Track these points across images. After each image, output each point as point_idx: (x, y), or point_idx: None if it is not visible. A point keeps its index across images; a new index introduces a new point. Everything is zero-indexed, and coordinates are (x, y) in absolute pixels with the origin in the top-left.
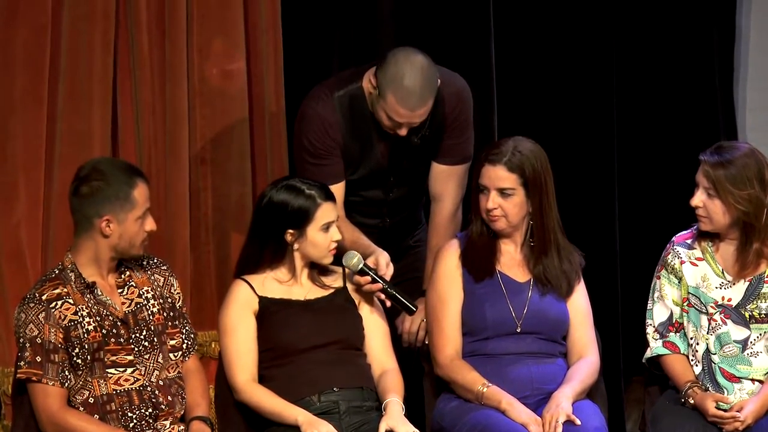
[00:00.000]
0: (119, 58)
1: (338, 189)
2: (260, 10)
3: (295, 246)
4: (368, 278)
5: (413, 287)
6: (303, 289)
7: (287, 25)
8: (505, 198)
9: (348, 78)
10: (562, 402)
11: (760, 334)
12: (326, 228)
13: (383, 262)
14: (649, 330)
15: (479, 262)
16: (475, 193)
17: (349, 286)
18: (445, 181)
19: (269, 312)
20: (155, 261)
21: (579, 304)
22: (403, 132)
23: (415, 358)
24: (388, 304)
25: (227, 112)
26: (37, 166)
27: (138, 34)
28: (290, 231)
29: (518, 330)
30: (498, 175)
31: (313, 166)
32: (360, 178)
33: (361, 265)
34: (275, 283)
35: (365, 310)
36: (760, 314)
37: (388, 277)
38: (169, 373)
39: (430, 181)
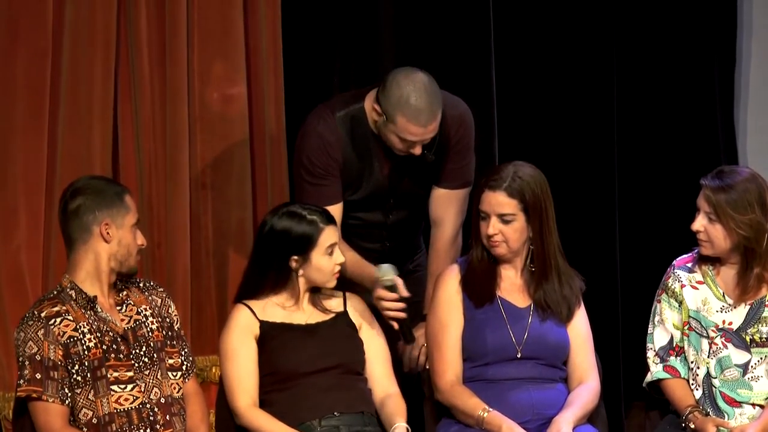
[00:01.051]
0: (120, 83)
1: (335, 210)
2: (261, 34)
3: (300, 272)
4: (395, 295)
5: (413, 313)
6: (304, 314)
7: (288, 49)
8: (506, 224)
9: (350, 99)
10: (563, 427)
11: (761, 358)
12: (330, 252)
13: (401, 284)
14: (650, 354)
15: (479, 288)
16: (476, 219)
17: (350, 311)
18: (446, 206)
19: (270, 336)
20: (152, 284)
21: (579, 329)
22: (417, 151)
23: (416, 383)
24: (396, 326)
25: (227, 136)
26: (37, 190)
27: (138, 58)
28: (294, 257)
29: (518, 355)
30: (498, 201)
31: (311, 185)
32: (360, 198)
33: (395, 280)
34: (276, 308)
35: (366, 335)
36: (761, 338)
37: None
38: (171, 392)
39: (431, 205)
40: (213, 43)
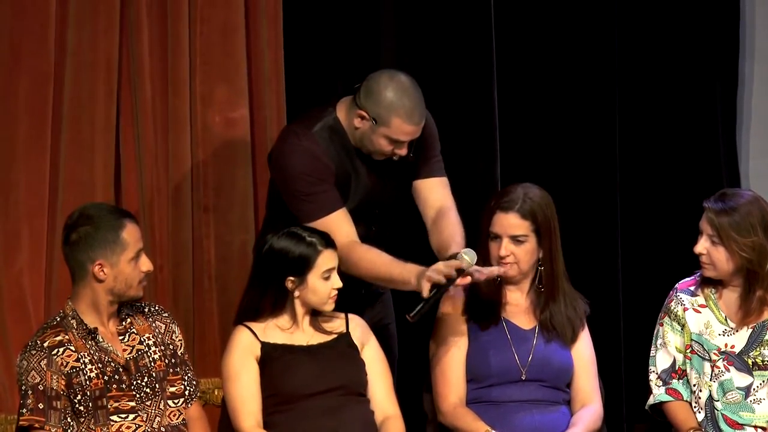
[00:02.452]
0: (122, 107)
1: (342, 215)
2: (263, 58)
3: (296, 293)
4: (468, 279)
5: (383, 335)
6: (305, 335)
7: (290, 73)
8: (518, 245)
9: (317, 113)
10: None
11: (763, 381)
12: (327, 276)
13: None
14: (652, 377)
15: (485, 310)
16: (485, 241)
17: (352, 332)
18: (443, 191)
19: (271, 358)
20: (157, 308)
21: (583, 352)
22: (404, 151)
23: (418, 404)
24: (426, 294)
25: (230, 159)
26: (40, 214)
27: (141, 82)
28: (291, 278)
29: (523, 377)
30: (510, 223)
31: (309, 200)
32: (351, 209)
33: (473, 268)
34: (277, 330)
35: (368, 356)
36: (763, 361)
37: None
38: (172, 420)
39: (427, 199)
40: (215, 67)
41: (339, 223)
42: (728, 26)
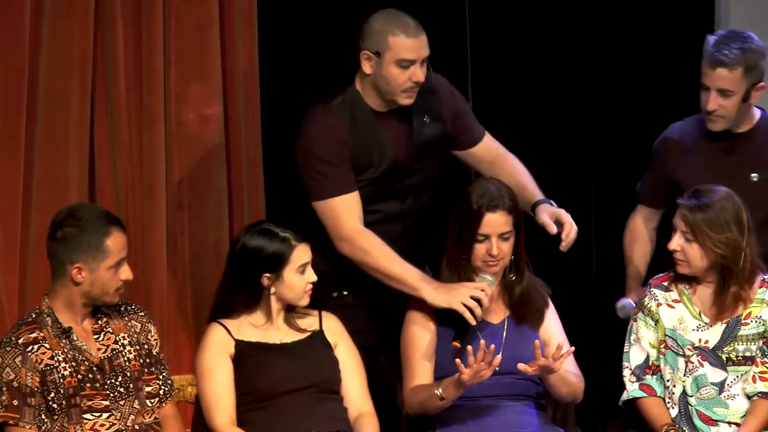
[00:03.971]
0: (96, 103)
1: (352, 198)
2: (238, 56)
3: (272, 289)
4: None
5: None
6: (279, 333)
7: (265, 70)
8: (505, 241)
9: (337, 88)
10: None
11: (737, 377)
12: (302, 270)
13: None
14: (626, 373)
15: (455, 313)
16: (469, 243)
17: (326, 329)
18: (489, 147)
19: (245, 356)
20: (133, 307)
21: (552, 329)
22: (420, 76)
23: (391, 401)
24: (473, 321)
25: (204, 157)
26: (13, 211)
27: (115, 79)
28: (267, 275)
29: (497, 369)
30: (500, 221)
31: (324, 177)
32: (377, 178)
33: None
34: (251, 327)
35: (341, 353)
36: (737, 356)
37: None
38: (145, 418)
39: (480, 165)
40: (189, 64)
41: (347, 206)
42: (703, 31)
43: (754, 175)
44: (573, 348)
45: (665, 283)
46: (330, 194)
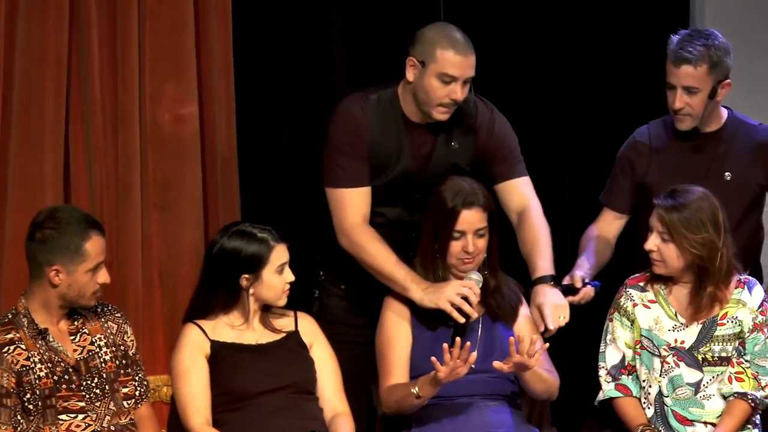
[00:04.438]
0: (71, 104)
1: (363, 193)
2: (212, 55)
3: (251, 290)
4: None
5: None
6: (255, 334)
7: (239, 69)
8: (480, 238)
9: (383, 85)
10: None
11: (713, 377)
12: (280, 270)
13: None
14: (602, 373)
15: (432, 313)
16: (445, 241)
17: (301, 330)
18: (521, 192)
19: (221, 356)
20: (109, 308)
21: (528, 331)
22: (459, 94)
23: (368, 402)
24: (461, 320)
25: (179, 156)
26: None
27: (90, 77)
28: (245, 276)
29: (473, 366)
30: (477, 218)
31: (340, 167)
32: (386, 183)
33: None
34: (227, 328)
35: (317, 354)
36: (713, 357)
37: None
38: (121, 419)
39: (507, 206)
40: (164, 63)
41: (354, 200)
42: (677, 22)
43: (727, 174)
44: (547, 344)
45: (641, 284)
46: (340, 184)
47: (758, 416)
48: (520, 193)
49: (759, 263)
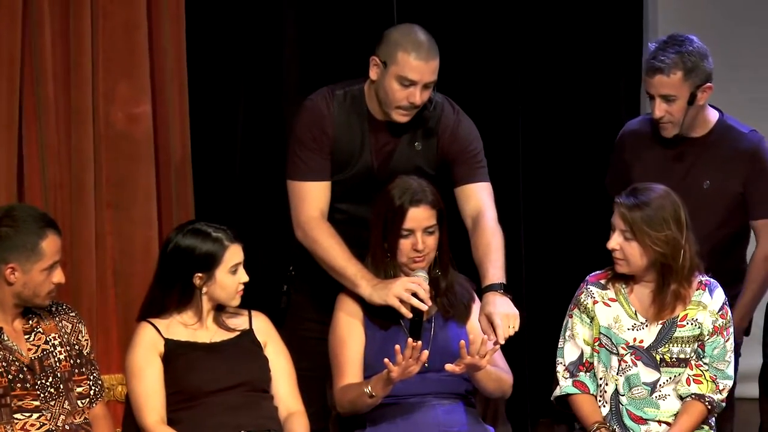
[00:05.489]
0: (24, 103)
1: (323, 187)
2: (165, 54)
3: (204, 289)
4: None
5: None
6: (209, 332)
7: (193, 69)
8: (429, 236)
9: (352, 81)
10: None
11: (670, 378)
12: (234, 270)
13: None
14: (560, 368)
15: (383, 312)
16: (394, 240)
17: (255, 329)
18: (477, 197)
19: (175, 355)
20: (64, 307)
21: (477, 325)
22: (417, 98)
23: (322, 401)
24: (409, 316)
25: (133, 155)
26: None
27: (43, 76)
28: (199, 274)
29: (426, 365)
30: (424, 215)
31: (301, 160)
32: (347, 179)
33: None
34: (181, 327)
35: (271, 352)
36: (671, 358)
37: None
38: (75, 419)
39: (463, 211)
40: (117, 63)
41: (313, 194)
42: (632, 23)
43: (706, 182)
44: (499, 344)
45: (602, 281)
46: (300, 177)
47: (713, 419)
48: (477, 198)
49: (741, 268)
